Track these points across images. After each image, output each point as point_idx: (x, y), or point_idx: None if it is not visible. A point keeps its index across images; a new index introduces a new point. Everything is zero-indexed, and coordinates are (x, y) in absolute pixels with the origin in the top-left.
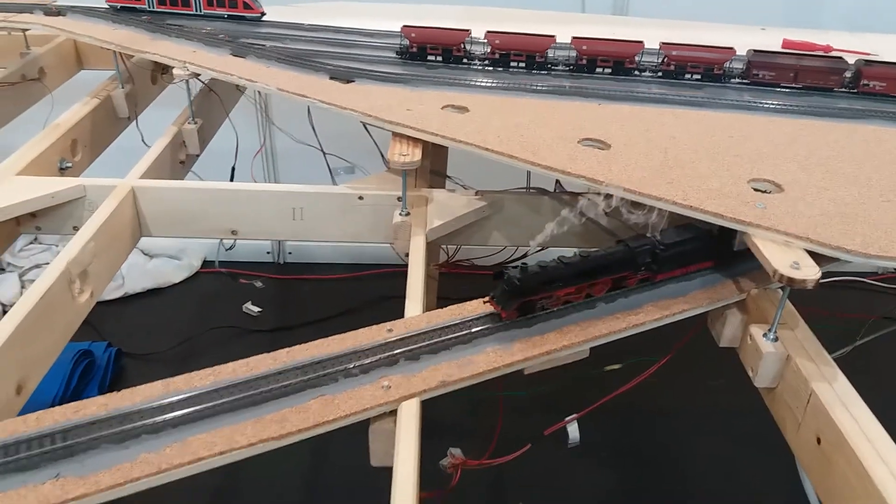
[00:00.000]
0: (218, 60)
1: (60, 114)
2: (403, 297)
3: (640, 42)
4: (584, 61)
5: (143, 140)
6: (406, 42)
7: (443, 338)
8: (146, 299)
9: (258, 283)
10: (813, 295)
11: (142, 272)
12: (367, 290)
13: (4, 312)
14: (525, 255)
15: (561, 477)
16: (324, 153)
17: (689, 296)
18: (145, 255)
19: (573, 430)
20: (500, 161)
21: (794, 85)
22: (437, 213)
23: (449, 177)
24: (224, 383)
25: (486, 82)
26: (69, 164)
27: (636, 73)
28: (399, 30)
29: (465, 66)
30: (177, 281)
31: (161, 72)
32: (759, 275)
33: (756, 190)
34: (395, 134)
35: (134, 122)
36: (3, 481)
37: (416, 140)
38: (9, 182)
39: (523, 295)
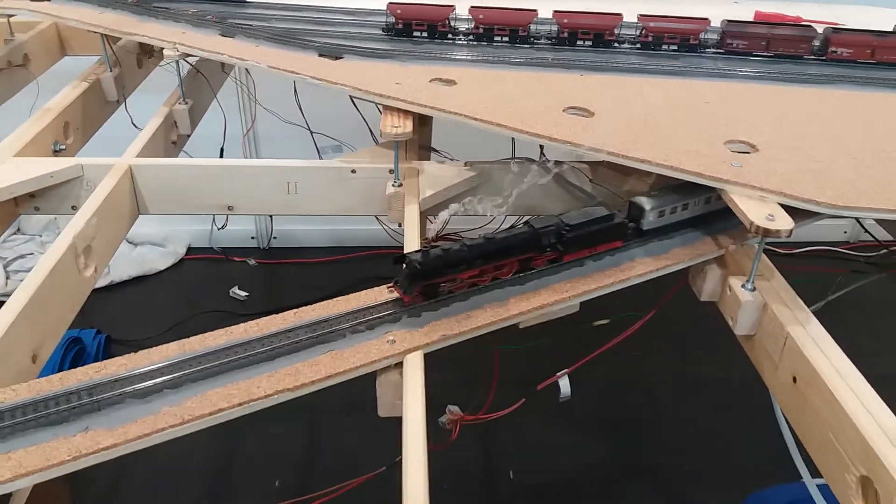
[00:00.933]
0: (207, 41)
1: (45, 100)
2: (391, 277)
3: (619, 14)
4: (566, 34)
5: (132, 122)
6: (392, 19)
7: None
8: (132, 287)
9: (251, 261)
10: (788, 262)
11: (127, 260)
12: (353, 272)
13: None
14: (513, 226)
15: (547, 446)
16: (311, 132)
17: (672, 252)
18: (130, 243)
19: (564, 385)
20: (488, 130)
21: (766, 53)
22: (428, 184)
23: (435, 150)
24: (237, 342)
25: (472, 56)
26: (63, 147)
27: (616, 44)
28: (384, 7)
29: (450, 41)
30: (162, 268)
31: (147, 55)
32: (737, 232)
33: (732, 151)
34: (385, 107)
35: (123, 105)
36: (35, 434)
37: (406, 112)
38: (7, 164)
39: (425, 278)
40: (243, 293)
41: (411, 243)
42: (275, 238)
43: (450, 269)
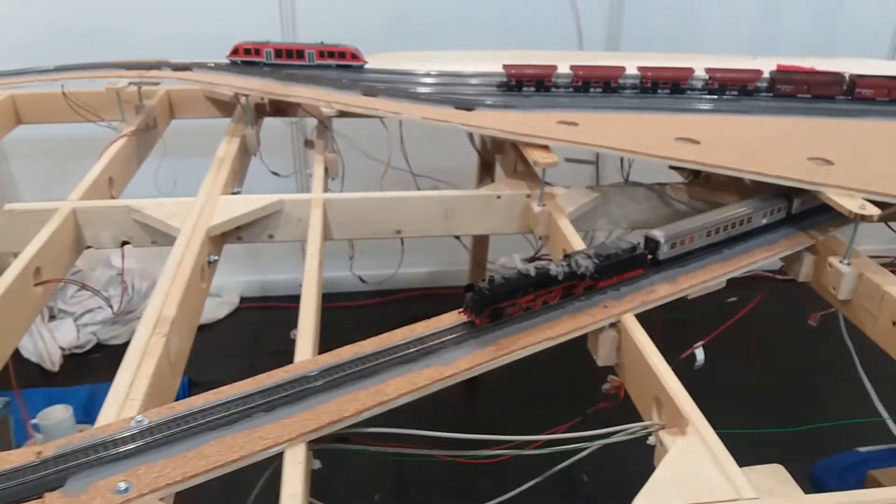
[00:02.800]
0: (356, 99)
1: (168, 158)
2: (425, 317)
3: (691, 68)
4: (649, 84)
5: (269, 170)
6: (506, 78)
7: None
8: (196, 333)
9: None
10: None
11: None
12: (395, 313)
13: (64, 356)
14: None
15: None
16: (413, 175)
17: (776, 244)
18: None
19: (700, 354)
20: (619, 155)
21: (807, 95)
22: (566, 203)
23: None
24: (357, 356)
25: (577, 104)
26: (239, 190)
27: (688, 91)
28: (480, 70)
29: (553, 93)
30: (221, 317)
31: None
32: (822, 226)
33: (816, 165)
34: (527, 144)
35: (258, 156)
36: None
37: (545, 147)
38: (220, 202)
39: (492, 303)
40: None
41: (576, 244)
42: None
43: (511, 295)
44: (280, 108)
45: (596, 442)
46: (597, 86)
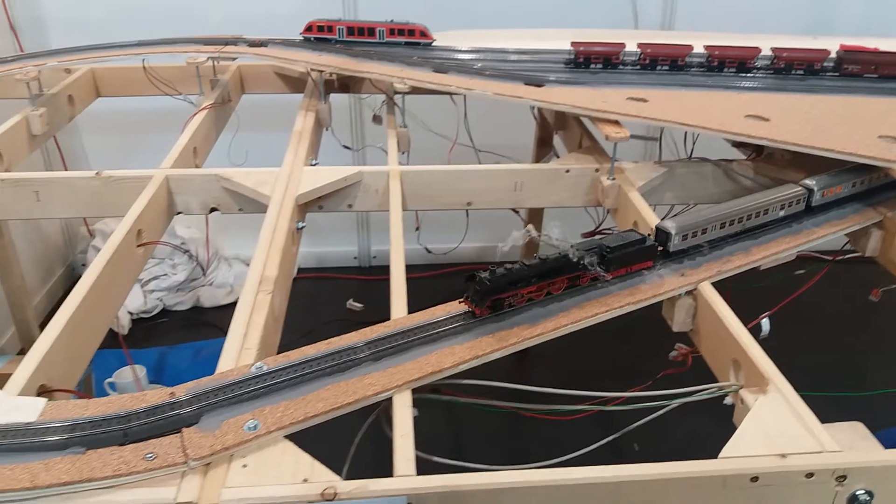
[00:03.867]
0: (428, 76)
1: (238, 130)
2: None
3: (758, 47)
4: (716, 63)
5: (341, 144)
6: (573, 54)
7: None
8: None
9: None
10: None
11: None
12: (446, 286)
13: (132, 320)
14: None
15: None
16: (476, 150)
17: (846, 219)
18: (246, 264)
19: (766, 324)
20: (693, 131)
21: (874, 74)
22: (636, 177)
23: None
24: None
25: (645, 81)
26: (316, 161)
27: (754, 70)
28: (544, 47)
29: (621, 70)
30: None
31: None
32: (890, 203)
33: (886, 142)
34: (598, 119)
35: (329, 129)
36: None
37: (616, 122)
38: (304, 173)
39: (493, 293)
40: (359, 305)
41: (648, 216)
42: (374, 258)
43: (512, 286)
44: (345, 85)
45: (676, 400)
46: (664, 63)
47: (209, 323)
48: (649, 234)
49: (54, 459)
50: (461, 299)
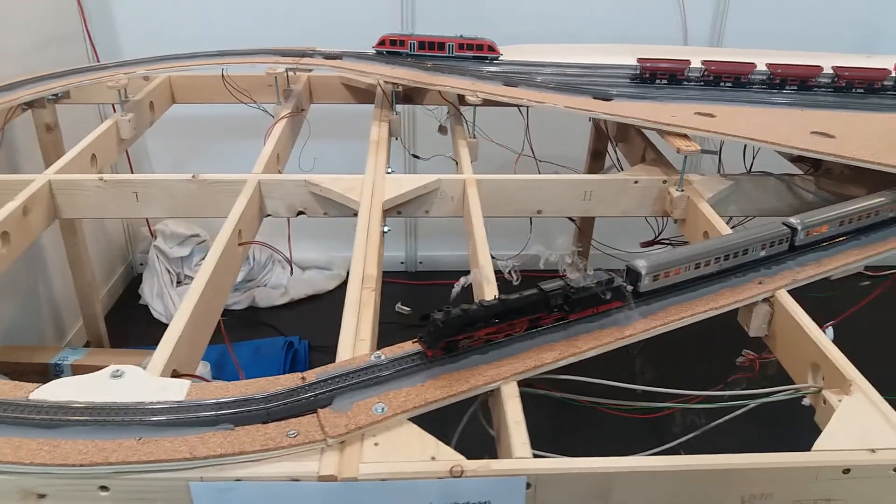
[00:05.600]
0: (499, 89)
1: (314, 141)
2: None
3: (819, 66)
4: (778, 80)
5: (411, 154)
6: (639, 70)
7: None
8: (309, 304)
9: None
10: None
11: (301, 281)
12: (507, 290)
13: None
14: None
15: None
16: (537, 160)
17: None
18: (300, 267)
19: (830, 333)
20: (762, 147)
21: None
22: (704, 189)
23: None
24: None
25: (709, 96)
26: (392, 170)
27: (815, 88)
28: (607, 62)
29: (685, 86)
30: (330, 288)
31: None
32: None
33: None
34: (668, 132)
35: (398, 139)
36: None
37: (685, 136)
38: (386, 179)
39: (446, 336)
40: (406, 308)
41: (719, 226)
42: (420, 263)
43: (468, 328)
44: (408, 96)
45: (756, 400)
46: (727, 80)
47: (264, 322)
48: (615, 276)
49: (207, 434)
50: (415, 339)
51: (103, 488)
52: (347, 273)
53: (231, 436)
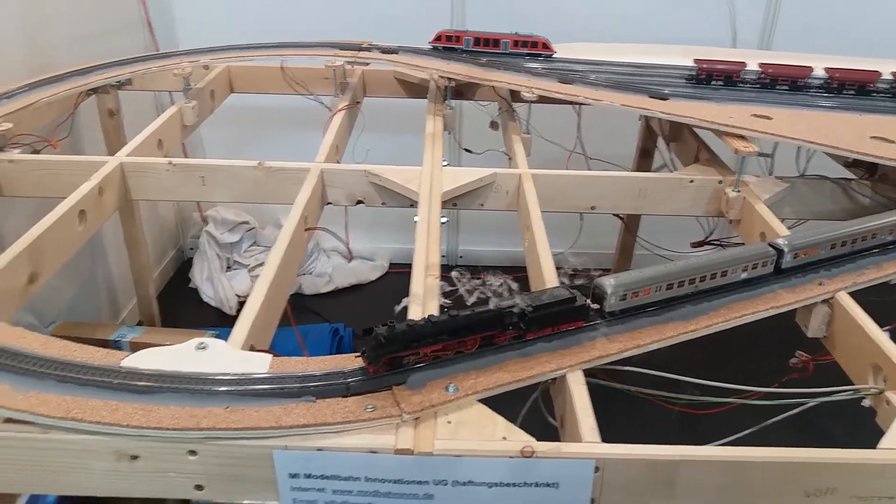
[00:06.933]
0: (554, 86)
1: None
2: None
3: (878, 71)
4: (835, 85)
5: (463, 148)
6: (695, 71)
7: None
8: (353, 293)
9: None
10: None
11: (345, 271)
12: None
13: (239, 302)
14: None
15: None
16: (587, 158)
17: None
18: (344, 257)
19: None
20: (819, 150)
21: None
22: (760, 190)
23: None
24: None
25: (765, 99)
26: (447, 162)
27: (873, 93)
28: (661, 62)
29: (741, 88)
30: (373, 278)
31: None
32: None
33: None
34: (724, 133)
35: (451, 133)
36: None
37: (742, 137)
38: (444, 172)
39: (389, 351)
40: (448, 301)
41: (777, 228)
42: (461, 257)
43: (414, 343)
44: (459, 92)
45: (816, 399)
46: (784, 83)
47: (310, 309)
48: (578, 293)
49: (291, 405)
50: (357, 353)
51: (192, 452)
52: (390, 264)
53: (313, 408)
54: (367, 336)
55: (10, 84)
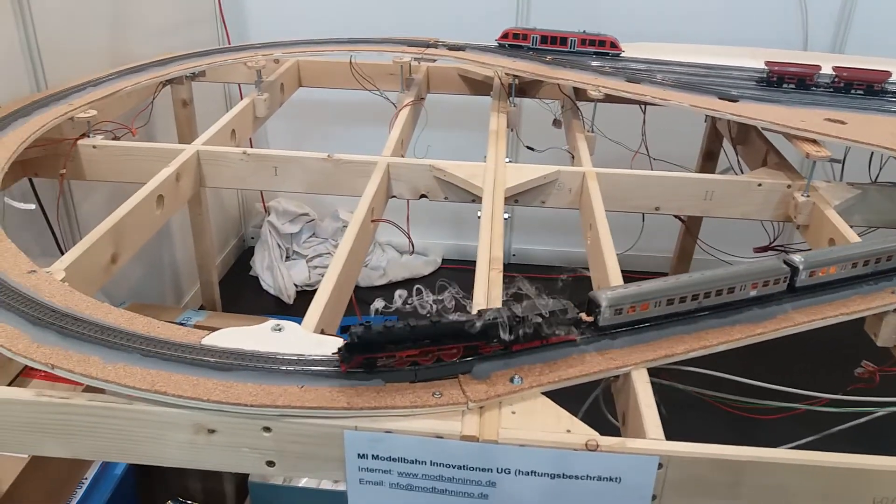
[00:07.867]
0: (622, 85)
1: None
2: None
3: None
4: None
5: (525, 146)
6: (766, 73)
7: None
8: (405, 286)
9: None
10: None
11: (399, 265)
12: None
13: (297, 292)
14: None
15: None
16: (650, 158)
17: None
18: (398, 251)
19: None
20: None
21: None
22: (831, 196)
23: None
24: None
25: (839, 103)
26: (511, 159)
27: None
28: (730, 64)
29: (813, 92)
30: (426, 273)
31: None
32: None
33: None
34: (796, 137)
35: (514, 131)
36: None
37: (815, 141)
38: (508, 168)
39: (363, 352)
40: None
41: (847, 234)
42: (514, 255)
43: (391, 346)
44: (522, 90)
45: (886, 408)
46: (859, 88)
47: (364, 300)
48: (569, 306)
49: (362, 388)
50: (334, 351)
51: (266, 429)
52: (443, 259)
53: (383, 391)
54: (345, 333)
55: (95, 73)
